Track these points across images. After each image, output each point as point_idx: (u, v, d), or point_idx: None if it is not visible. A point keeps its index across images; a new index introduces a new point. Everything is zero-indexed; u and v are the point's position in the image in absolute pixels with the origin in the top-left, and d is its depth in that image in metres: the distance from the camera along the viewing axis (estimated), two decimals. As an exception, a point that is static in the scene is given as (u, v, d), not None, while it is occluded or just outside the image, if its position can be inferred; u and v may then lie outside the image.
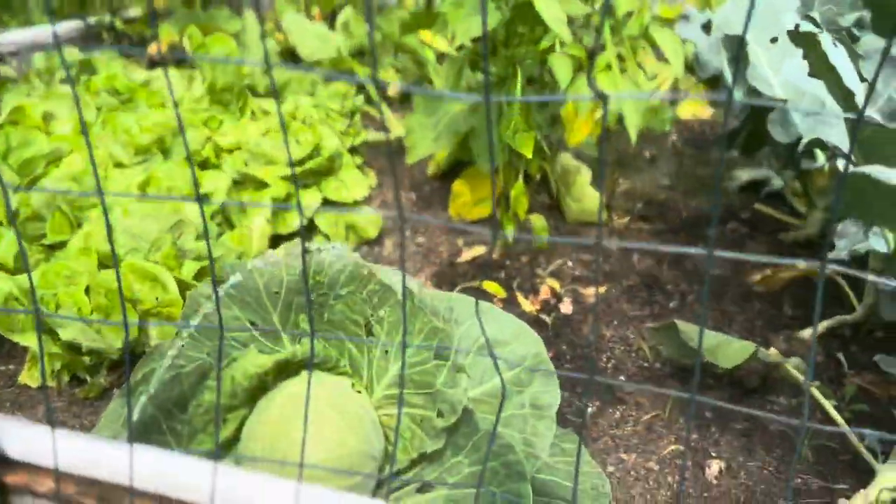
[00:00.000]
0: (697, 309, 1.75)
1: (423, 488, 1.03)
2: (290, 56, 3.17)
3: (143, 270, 1.35)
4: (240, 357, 1.01)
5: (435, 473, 1.05)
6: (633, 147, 2.73)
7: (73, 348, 1.34)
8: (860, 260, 1.56)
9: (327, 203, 1.95)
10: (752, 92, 1.86)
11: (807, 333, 1.59)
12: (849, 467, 1.26)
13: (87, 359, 1.35)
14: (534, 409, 1.15)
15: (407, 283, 1.21)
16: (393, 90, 3.15)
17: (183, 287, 1.37)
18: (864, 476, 1.21)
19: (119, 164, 1.83)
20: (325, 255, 1.13)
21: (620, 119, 2.45)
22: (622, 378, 1.52)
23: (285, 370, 1.04)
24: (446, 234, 2.10)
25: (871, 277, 0.49)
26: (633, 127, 1.53)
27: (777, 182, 2.30)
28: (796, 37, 0.96)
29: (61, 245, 1.61)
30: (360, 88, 3.01)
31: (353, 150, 2.30)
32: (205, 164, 1.95)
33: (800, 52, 1.55)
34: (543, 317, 1.70)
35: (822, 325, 1.58)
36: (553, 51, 1.51)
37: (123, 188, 1.69)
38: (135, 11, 3.07)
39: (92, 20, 3.02)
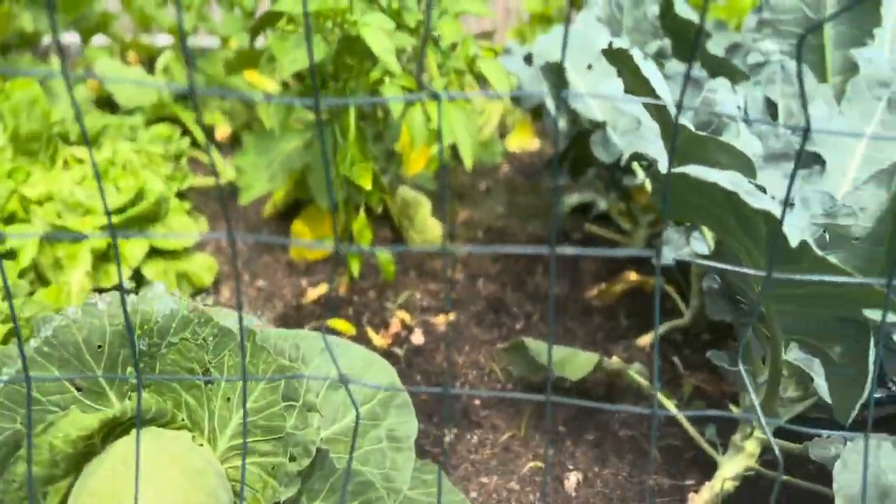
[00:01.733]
0: (542, 328, 1.79)
1: (280, 540, 0.96)
2: (107, 104, 2.98)
3: (-61, 338, 1.19)
4: (59, 420, 0.90)
5: (291, 523, 0.98)
6: (468, 178, 2.79)
7: None
8: (685, 267, 1.67)
9: (155, 252, 1.83)
10: (574, 119, 1.96)
11: (643, 341, 1.67)
12: (694, 463, 1.33)
13: None
14: (391, 441, 1.12)
15: (247, 323, 1.14)
16: (221, 133, 3.04)
17: (-11, 352, 1.22)
18: (709, 469, 1.27)
19: None
20: (153, 302, 1.04)
21: (455, 153, 2.51)
22: (477, 402, 1.51)
23: (114, 431, 0.94)
24: (289, 276, 2.03)
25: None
26: (467, 155, 1.55)
27: (603, 204, 2.43)
28: (611, 54, 1.03)
29: None
30: (185, 132, 2.88)
31: (180, 195, 2.17)
32: (11, 219, 1.77)
33: (615, 76, 1.66)
34: (395, 349, 1.68)
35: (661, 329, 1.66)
36: (383, 83, 1.51)
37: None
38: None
39: None
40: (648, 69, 0.94)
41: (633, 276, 1.81)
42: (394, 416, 1.13)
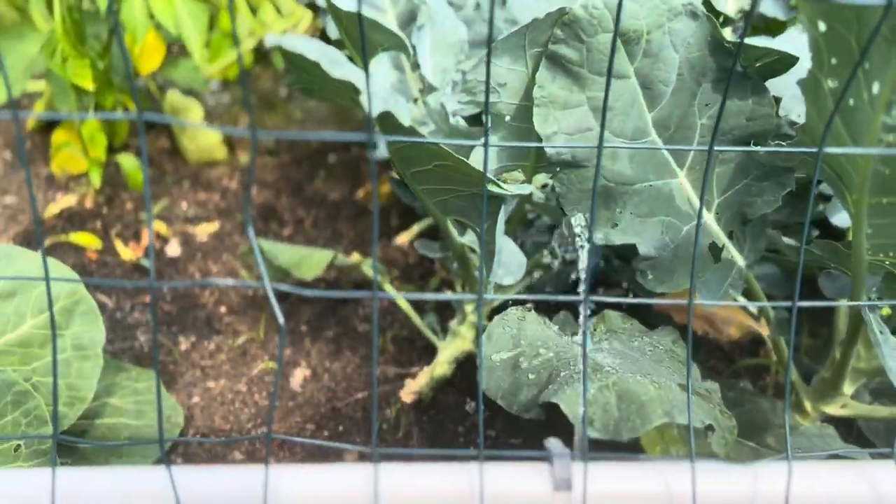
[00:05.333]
0: (311, 233, 1.76)
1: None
2: None
3: None
4: None
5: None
6: (272, 83, 2.67)
7: None
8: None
9: None
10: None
11: (401, 239, 1.67)
12: (422, 351, 1.35)
13: None
14: (77, 350, 1.06)
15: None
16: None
17: None
18: (432, 356, 1.30)
19: None
20: None
21: (258, 56, 2.38)
22: (223, 309, 1.48)
23: None
24: (45, 191, 1.89)
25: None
26: (196, 51, 1.46)
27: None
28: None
29: None
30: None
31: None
32: None
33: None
34: (144, 263, 1.60)
35: (414, 231, 1.67)
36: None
37: None
38: None
39: None
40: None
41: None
42: (78, 325, 1.07)
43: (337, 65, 0.71)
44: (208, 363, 1.33)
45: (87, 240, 1.61)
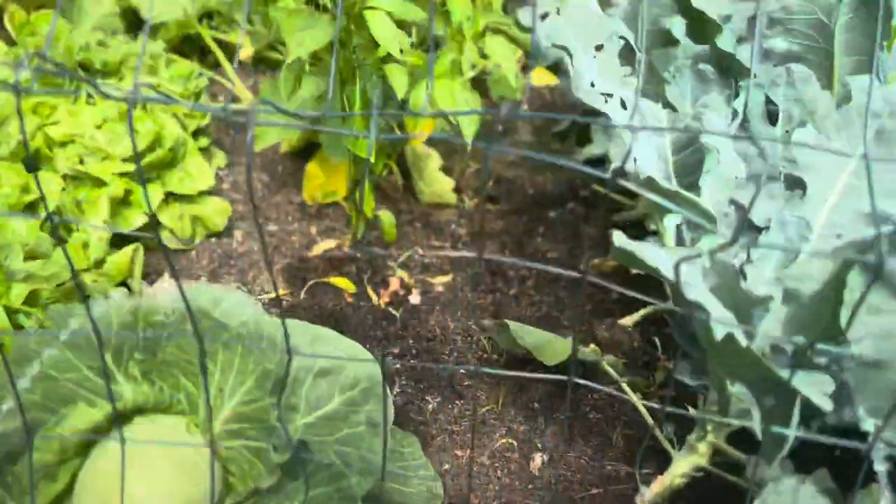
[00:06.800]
0: (534, 295, 1.88)
1: (261, 518, 1.10)
2: (132, 17, 2.99)
3: (-32, 299, 1.31)
4: (69, 412, 1.02)
5: (273, 503, 1.11)
6: (484, 118, 2.80)
7: None
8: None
9: (171, 196, 1.92)
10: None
11: (627, 321, 1.75)
12: (653, 453, 1.43)
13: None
14: (370, 426, 1.23)
15: (244, 308, 1.24)
16: (244, 54, 3.05)
17: (11, 313, 1.34)
18: (664, 463, 1.38)
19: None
20: (160, 295, 1.14)
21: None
22: (462, 371, 1.62)
23: (119, 417, 1.06)
24: (300, 219, 2.12)
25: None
26: (468, 132, 1.59)
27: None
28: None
29: None
30: (206, 53, 2.90)
31: (198, 132, 2.24)
32: (36, 157, 1.86)
33: (626, 68, 1.66)
34: (392, 310, 1.78)
35: (640, 314, 1.74)
36: (391, 59, 1.53)
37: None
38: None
39: None
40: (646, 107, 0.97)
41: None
42: (373, 404, 1.24)
43: (688, 287, 0.80)
44: (455, 428, 1.48)
45: (343, 283, 1.80)
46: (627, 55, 1.68)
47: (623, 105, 1.49)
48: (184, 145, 1.98)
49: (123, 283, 1.70)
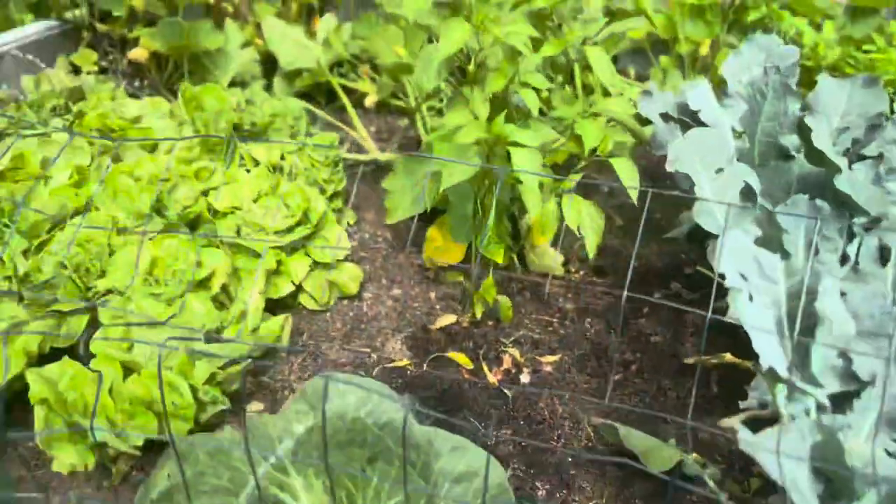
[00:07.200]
0: (638, 383, 2.01)
1: None
2: (270, 61, 3.24)
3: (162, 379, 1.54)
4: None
5: None
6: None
7: (98, 444, 1.54)
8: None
9: (315, 265, 2.13)
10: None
11: (729, 422, 1.87)
12: (745, 564, 1.57)
13: (110, 451, 1.56)
14: (497, 527, 1.41)
15: (384, 406, 1.43)
16: (369, 101, 3.26)
17: (194, 391, 1.57)
18: (755, 576, 1.52)
19: (121, 229, 1.97)
20: (345, 395, 1.35)
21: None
22: (569, 459, 1.78)
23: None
24: (420, 283, 2.31)
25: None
26: (592, 248, 1.75)
27: (720, 238, 2.54)
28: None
29: (72, 313, 1.78)
30: (332, 97, 3.12)
31: (333, 195, 2.45)
32: (197, 222, 2.10)
33: (741, 182, 1.76)
34: (505, 389, 1.95)
35: (743, 416, 1.85)
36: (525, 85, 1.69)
37: (128, 263, 1.85)
38: (115, 9, 3.08)
39: (70, 16, 3.04)
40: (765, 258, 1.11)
41: (728, 356, 1.98)
42: (501, 508, 1.42)
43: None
44: (563, 519, 1.65)
45: (461, 359, 1.98)
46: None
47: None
48: (326, 216, 2.19)
49: (272, 349, 1.93)
